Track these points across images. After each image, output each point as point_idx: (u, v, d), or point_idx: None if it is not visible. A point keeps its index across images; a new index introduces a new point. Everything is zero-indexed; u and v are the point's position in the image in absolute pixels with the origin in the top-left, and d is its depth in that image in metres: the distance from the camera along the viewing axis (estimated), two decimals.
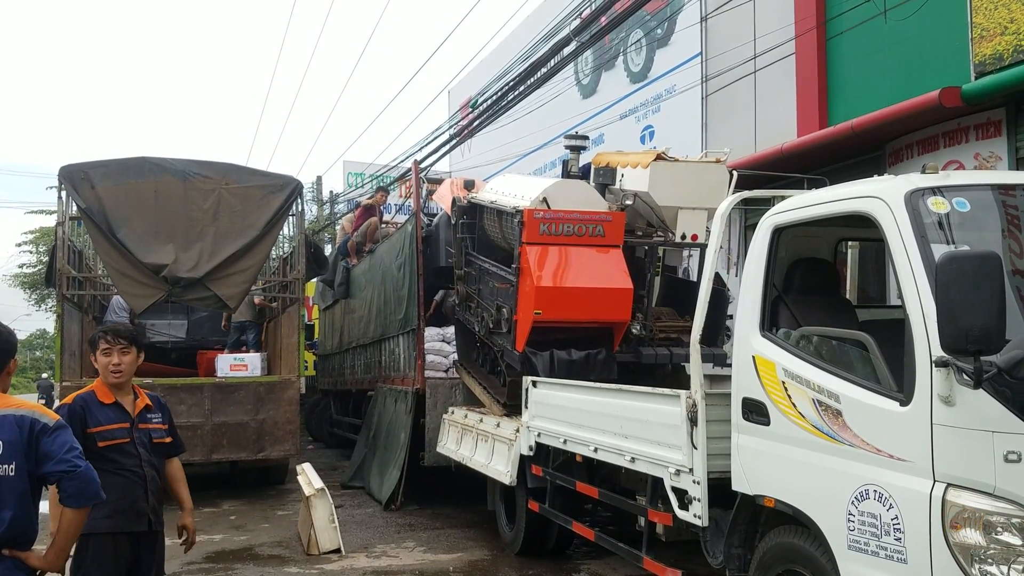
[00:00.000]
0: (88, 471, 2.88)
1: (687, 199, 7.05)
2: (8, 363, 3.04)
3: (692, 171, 7.24)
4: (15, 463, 2.80)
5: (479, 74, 17.73)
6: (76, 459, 2.87)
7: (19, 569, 2.82)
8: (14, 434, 2.81)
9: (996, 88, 7.38)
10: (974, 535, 3.02)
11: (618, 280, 6.82)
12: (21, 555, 2.82)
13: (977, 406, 3.05)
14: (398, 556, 7.36)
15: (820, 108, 9.82)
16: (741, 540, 4.24)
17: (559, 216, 6.89)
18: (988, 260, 2.92)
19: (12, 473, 2.79)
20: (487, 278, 7.75)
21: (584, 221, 6.88)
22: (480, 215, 8.12)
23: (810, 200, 4.12)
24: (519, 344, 6.86)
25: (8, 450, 2.79)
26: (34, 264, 34.87)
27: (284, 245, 12.58)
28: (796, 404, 3.82)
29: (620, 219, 7.01)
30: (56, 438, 2.86)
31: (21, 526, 2.82)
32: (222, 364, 10.84)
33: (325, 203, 26.66)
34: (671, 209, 7.06)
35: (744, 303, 4.28)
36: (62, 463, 2.83)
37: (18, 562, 2.81)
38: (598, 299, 6.79)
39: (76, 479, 2.84)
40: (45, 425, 2.87)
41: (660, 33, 13.17)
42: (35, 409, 2.93)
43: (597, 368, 6.82)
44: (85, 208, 9.82)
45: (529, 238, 6.83)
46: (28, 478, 2.82)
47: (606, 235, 6.91)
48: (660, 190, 6.99)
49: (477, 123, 13.57)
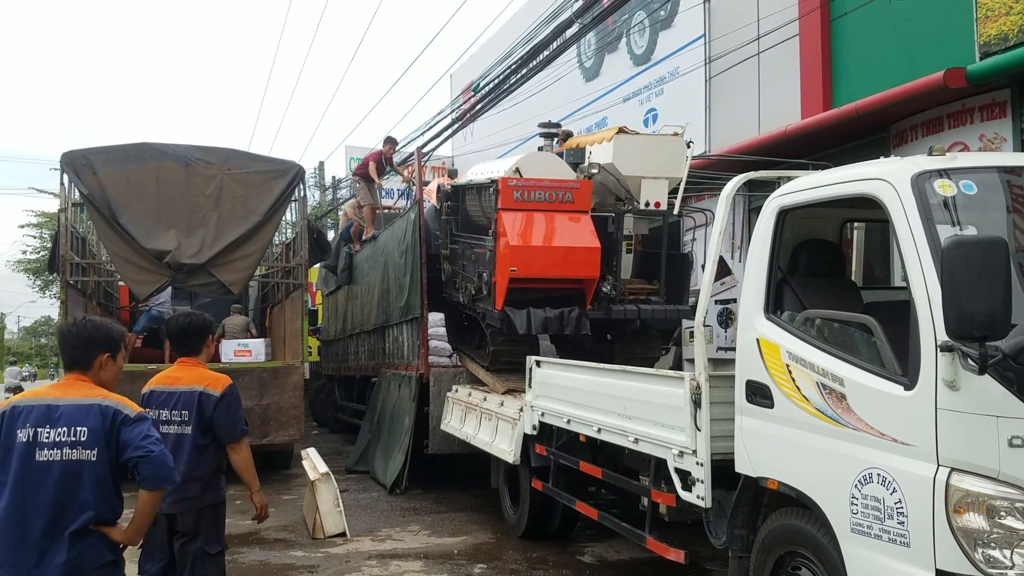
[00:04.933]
0: (162, 455, 3.13)
1: (649, 169, 7.71)
2: (115, 352, 3.35)
3: (652, 143, 7.96)
4: (97, 449, 3.06)
5: (481, 58, 17.62)
6: (151, 445, 3.11)
7: (104, 543, 3.10)
8: (98, 423, 3.08)
9: (1001, 69, 7.32)
10: (977, 519, 3.02)
11: (587, 240, 7.37)
12: (106, 530, 3.12)
13: (982, 391, 3.04)
14: (403, 540, 7.41)
15: (824, 90, 9.76)
16: (744, 521, 4.26)
17: (531, 184, 7.45)
18: (994, 245, 2.90)
19: (94, 459, 3.06)
20: (469, 252, 8.23)
21: (554, 188, 7.46)
22: (463, 197, 8.55)
23: (815, 182, 4.10)
24: (498, 302, 7.33)
25: (91, 437, 3.06)
26: (37, 250, 34.90)
27: (287, 231, 12.57)
28: (800, 387, 3.82)
29: (587, 186, 7.59)
30: (134, 428, 3.12)
31: (101, 507, 3.08)
32: (226, 350, 10.87)
33: (327, 188, 26.60)
34: (634, 179, 7.69)
35: (748, 285, 4.27)
36: (138, 449, 3.08)
37: (103, 536, 3.10)
38: (569, 257, 7.34)
39: (150, 463, 3.08)
40: (126, 416, 3.13)
41: (663, 15, 13.06)
42: (120, 400, 3.18)
43: (571, 323, 7.40)
44: (87, 194, 9.82)
45: (504, 204, 7.35)
46: (108, 465, 3.09)
47: (575, 201, 7.47)
48: (623, 161, 7.65)
49: (479, 107, 13.50)
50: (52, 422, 3.06)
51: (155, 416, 4.13)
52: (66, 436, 3.04)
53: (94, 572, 3.05)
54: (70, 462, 3.03)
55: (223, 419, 4.14)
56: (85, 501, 3.04)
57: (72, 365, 3.27)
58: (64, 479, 3.02)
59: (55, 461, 3.02)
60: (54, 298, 34.47)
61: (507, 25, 16.94)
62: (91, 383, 3.24)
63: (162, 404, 4.16)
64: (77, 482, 3.04)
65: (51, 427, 3.05)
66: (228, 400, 4.18)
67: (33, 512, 2.99)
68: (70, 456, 3.03)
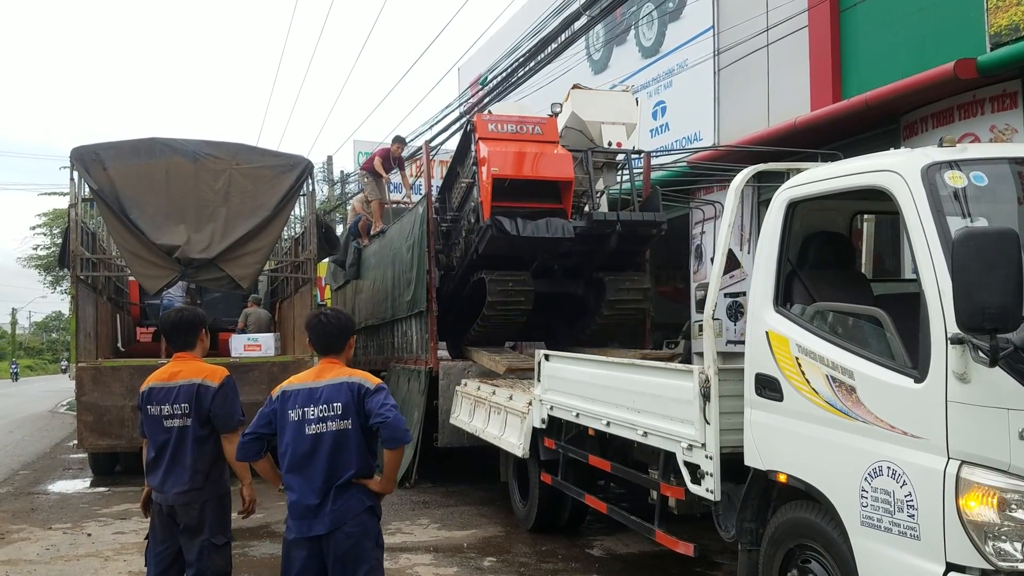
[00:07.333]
0: (396, 420, 3.67)
1: (605, 115, 8.94)
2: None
3: (604, 95, 9.58)
4: (351, 419, 3.70)
5: (489, 51, 17.59)
6: (387, 412, 3.66)
7: (363, 492, 3.73)
8: (349, 397, 3.70)
9: (1012, 59, 7.25)
10: (988, 512, 3.01)
11: (558, 149, 8.43)
12: (365, 483, 3.74)
13: (993, 383, 3.03)
14: (413, 533, 7.43)
15: (833, 81, 9.70)
16: (753, 515, 4.26)
17: (503, 118, 8.57)
18: (1005, 237, 2.88)
19: (350, 427, 3.70)
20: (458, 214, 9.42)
21: (524, 122, 8.56)
22: (451, 181, 9.72)
23: (825, 174, 4.08)
24: (485, 211, 8.11)
25: (346, 410, 3.70)
26: (48, 246, 35.07)
27: (296, 225, 12.59)
28: (810, 380, 3.81)
29: (553, 122, 8.73)
30: (374, 397, 3.70)
31: (361, 465, 3.72)
32: (236, 344, 10.91)
33: (336, 183, 26.61)
34: (595, 124, 8.84)
35: (758, 278, 4.26)
36: (378, 416, 3.65)
37: (363, 487, 3.73)
38: (543, 160, 8.29)
39: (387, 427, 3.65)
40: (368, 388, 3.72)
41: (672, 6, 13.01)
42: (363, 376, 3.79)
43: (556, 228, 8.14)
44: (97, 189, 9.85)
45: (481, 134, 8.34)
46: (360, 430, 3.71)
47: (544, 133, 8.53)
48: (582, 109, 8.90)
49: (487, 100, 13.48)
50: (315, 401, 3.70)
51: (157, 412, 4.18)
52: (327, 412, 3.69)
53: (356, 516, 3.68)
54: (334, 432, 3.68)
55: (220, 409, 4.20)
56: (348, 461, 3.68)
57: (327, 351, 3.87)
58: (332, 446, 3.66)
59: (323, 432, 3.68)
60: (65, 293, 34.65)
61: (515, 18, 16.91)
62: (341, 364, 3.84)
63: (162, 400, 4.19)
64: (341, 447, 3.68)
65: (314, 405, 3.70)
66: (226, 390, 4.24)
67: (310, 474, 3.67)
68: (332, 427, 3.68)
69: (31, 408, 24.01)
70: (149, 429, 4.23)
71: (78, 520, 8.19)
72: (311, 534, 3.66)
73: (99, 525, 7.96)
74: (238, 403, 4.27)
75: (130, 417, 9.13)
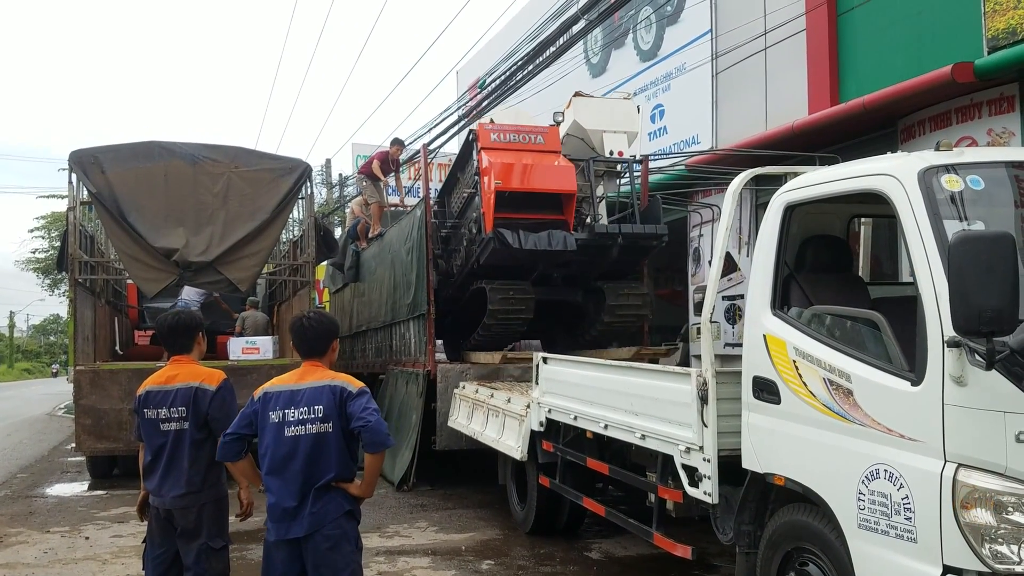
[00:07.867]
0: (378, 424, 3.67)
1: (607, 123, 8.95)
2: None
3: (606, 103, 9.44)
4: (332, 423, 3.69)
5: (487, 54, 17.62)
6: (368, 416, 3.66)
7: (343, 496, 3.74)
8: (330, 400, 3.70)
9: (1009, 63, 7.27)
10: (985, 515, 3.02)
11: (560, 161, 8.37)
12: (344, 486, 3.75)
13: (989, 386, 3.03)
14: (411, 536, 7.43)
15: (831, 85, 9.71)
16: (751, 517, 4.26)
17: (505, 127, 8.52)
18: (1002, 240, 2.88)
19: (331, 430, 3.69)
20: (459, 221, 9.40)
21: (527, 132, 8.53)
22: (451, 186, 9.68)
23: (823, 177, 4.09)
24: (488, 223, 8.10)
25: (327, 413, 3.69)
26: (46, 249, 35.07)
27: (294, 228, 12.59)
28: (807, 383, 3.82)
29: (555, 131, 8.72)
30: (356, 401, 3.70)
31: (341, 469, 3.72)
32: (234, 347, 10.90)
33: (334, 186, 26.62)
34: (596, 133, 8.85)
35: (755, 281, 4.27)
36: (359, 420, 3.65)
37: (342, 491, 3.74)
38: (545, 172, 8.28)
39: (369, 431, 3.65)
40: (350, 392, 3.72)
41: (670, 10, 13.03)
42: (346, 380, 3.78)
43: (558, 240, 8.15)
44: (96, 193, 9.84)
45: (483, 144, 8.32)
46: (342, 433, 3.71)
47: (546, 143, 8.50)
48: (584, 117, 8.89)
49: (485, 104, 13.49)
50: (296, 404, 3.71)
51: (154, 415, 4.18)
52: (307, 415, 3.69)
53: (335, 520, 3.69)
54: (314, 434, 3.67)
55: (218, 412, 4.20)
56: (328, 464, 3.68)
57: (310, 354, 3.85)
58: (311, 449, 3.66)
59: (302, 435, 3.67)
60: (63, 296, 34.67)
61: (513, 21, 16.93)
62: (324, 367, 3.85)
63: (160, 403, 4.19)
64: (321, 450, 3.68)
65: (295, 408, 3.70)
66: (223, 394, 4.25)
67: (289, 476, 3.67)
68: (311, 430, 3.67)
69: (29, 411, 23.99)
70: (146, 432, 4.23)
71: (76, 523, 8.19)
72: (289, 536, 3.67)
73: (97, 528, 7.96)
74: (236, 406, 4.26)
75: (128, 420, 9.12)
